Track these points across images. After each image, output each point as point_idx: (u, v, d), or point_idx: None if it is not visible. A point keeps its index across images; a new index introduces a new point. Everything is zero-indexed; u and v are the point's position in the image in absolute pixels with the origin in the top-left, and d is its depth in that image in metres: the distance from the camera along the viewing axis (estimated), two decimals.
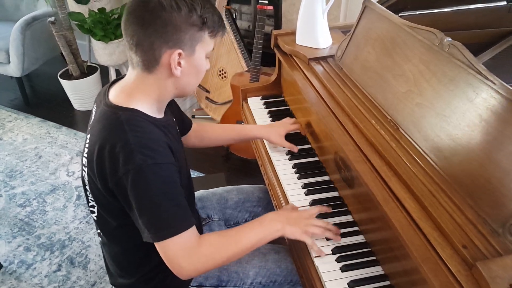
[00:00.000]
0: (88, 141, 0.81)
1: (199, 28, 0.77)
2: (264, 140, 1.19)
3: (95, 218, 0.90)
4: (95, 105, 0.87)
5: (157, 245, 0.76)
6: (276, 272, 0.99)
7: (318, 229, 0.84)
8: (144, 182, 0.73)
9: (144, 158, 0.72)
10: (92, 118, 0.84)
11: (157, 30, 0.74)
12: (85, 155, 0.81)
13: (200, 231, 1.05)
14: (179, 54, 0.76)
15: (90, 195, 0.86)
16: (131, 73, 0.81)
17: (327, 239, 0.86)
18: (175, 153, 0.81)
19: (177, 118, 0.99)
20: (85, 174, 0.83)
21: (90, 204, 0.89)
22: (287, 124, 1.15)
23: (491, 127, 0.67)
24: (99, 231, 0.93)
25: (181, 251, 0.75)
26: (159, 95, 0.82)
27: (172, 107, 0.95)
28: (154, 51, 0.75)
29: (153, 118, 0.81)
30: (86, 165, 0.81)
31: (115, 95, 0.82)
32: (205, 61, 0.83)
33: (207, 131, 1.14)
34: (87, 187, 0.85)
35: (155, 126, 0.80)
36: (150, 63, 0.77)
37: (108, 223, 0.87)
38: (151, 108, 0.82)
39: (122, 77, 0.87)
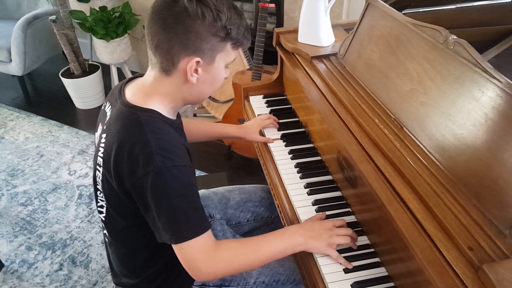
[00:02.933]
0: (104, 140, 0.80)
1: (221, 39, 0.75)
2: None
3: (103, 218, 0.89)
4: (108, 104, 0.86)
5: (175, 247, 0.76)
6: (279, 271, 0.99)
7: (343, 239, 0.82)
8: (164, 184, 0.72)
9: (164, 160, 0.72)
10: (108, 117, 0.83)
11: (178, 35, 0.73)
12: (101, 154, 0.80)
13: None
14: (197, 62, 0.75)
15: (101, 195, 0.85)
16: (150, 73, 0.81)
17: None
18: (190, 155, 0.81)
19: None
20: (99, 174, 0.83)
21: (99, 204, 0.88)
22: (260, 121, 1.19)
23: (497, 126, 0.65)
24: (105, 231, 0.93)
25: (199, 254, 0.75)
26: (174, 98, 0.81)
27: None
28: (173, 55, 0.75)
29: (170, 120, 0.81)
30: (101, 164, 0.80)
31: (133, 94, 0.81)
32: (223, 70, 0.81)
33: (191, 129, 1.14)
34: (99, 187, 0.85)
35: (171, 128, 0.80)
36: (167, 66, 0.76)
37: (116, 223, 0.87)
38: (168, 110, 0.81)
39: (138, 76, 0.86)
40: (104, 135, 0.81)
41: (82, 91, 2.60)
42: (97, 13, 2.32)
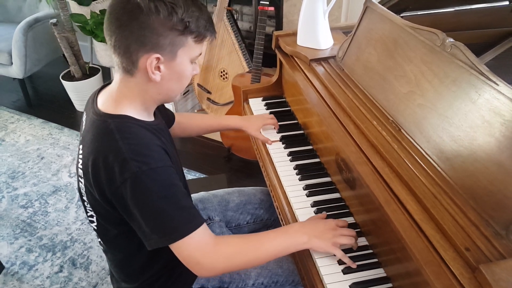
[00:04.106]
0: (81, 151, 0.79)
1: (180, 33, 0.72)
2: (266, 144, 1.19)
3: (95, 228, 0.89)
4: (84, 114, 0.85)
5: (171, 247, 0.75)
6: (278, 272, 0.99)
7: (347, 239, 0.82)
8: (143, 189, 0.71)
9: (139, 165, 0.70)
10: (83, 127, 0.83)
11: (133, 33, 0.70)
12: (80, 166, 0.80)
13: None
14: (157, 59, 0.73)
15: (88, 205, 0.84)
16: (116, 77, 0.80)
17: None
18: (170, 156, 0.80)
19: (162, 114, 0.97)
20: (82, 185, 0.82)
21: (88, 214, 0.87)
22: (265, 118, 1.19)
23: (493, 128, 0.66)
24: (99, 239, 0.92)
25: (196, 251, 0.74)
26: (143, 100, 0.79)
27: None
28: (131, 54, 0.73)
29: (144, 122, 0.79)
30: (82, 176, 0.80)
31: (103, 101, 0.80)
32: (190, 66, 0.78)
33: (190, 123, 1.14)
34: (85, 198, 0.84)
35: (146, 130, 0.78)
36: (128, 66, 0.75)
37: (108, 231, 0.86)
38: (139, 112, 0.80)
39: (109, 83, 0.85)
40: (81, 146, 0.80)
41: (83, 94, 2.61)
42: (97, 16, 2.33)
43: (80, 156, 0.79)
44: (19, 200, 1.98)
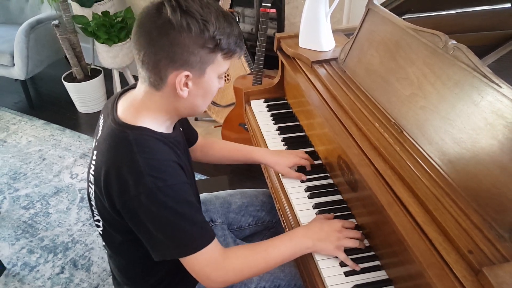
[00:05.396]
0: (94, 157, 0.78)
1: (210, 50, 0.71)
2: (267, 144, 1.18)
3: (101, 232, 0.88)
4: (102, 117, 0.84)
5: (181, 260, 0.75)
6: (280, 276, 0.99)
7: (352, 242, 0.82)
8: (157, 205, 0.70)
9: (154, 181, 0.70)
10: (100, 133, 0.81)
11: (163, 49, 0.69)
12: (92, 172, 0.79)
13: None
14: (186, 76, 0.72)
15: (96, 210, 0.84)
16: (140, 87, 0.78)
17: None
18: (184, 170, 0.79)
19: (184, 129, 0.96)
20: (92, 191, 0.81)
21: (95, 218, 0.87)
22: (297, 157, 1.05)
23: (496, 131, 0.66)
24: (104, 243, 0.92)
25: (207, 267, 0.75)
26: (166, 113, 0.78)
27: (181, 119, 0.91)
28: (160, 70, 0.71)
29: (161, 135, 0.78)
30: (93, 182, 0.79)
31: (124, 109, 0.78)
32: (216, 81, 0.77)
33: (214, 149, 1.10)
34: (93, 203, 0.83)
35: (163, 144, 0.77)
36: (156, 81, 0.73)
37: (114, 237, 0.86)
38: (160, 124, 0.78)
39: (131, 87, 0.84)
40: (95, 152, 0.79)
41: (84, 95, 2.61)
42: (99, 18, 2.34)
43: (93, 162, 0.78)
44: (20, 201, 1.98)
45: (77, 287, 1.56)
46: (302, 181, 1.03)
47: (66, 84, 2.57)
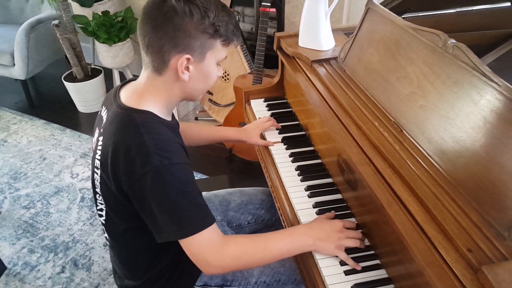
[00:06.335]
0: (101, 143, 0.81)
1: (210, 36, 0.77)
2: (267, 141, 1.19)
3: (103, 222, 0.90)
4: (104, 108, 0.87)
5: (181, 242, 0.77)
6: (280, 271, 0.99)
7: (352, 242, 0.83)
8: (163, 182, 0.73)
9: (161, 159, 0.73)
10: (104, 120, 0.84)
11: (167, 34, 0.74)
12: (98, 157, 0.81)
13: None
14: (188, 59, 0.77)
15: (100, 198, 0.86)
16: (143, 74, 0.83)
17: None
18: (186, 153, 0.82)
19: None
20: (97, 177, 0.83)
21: (98, 207, 0.89)
22: (261, 124, 1.20)
23: (495, 129, 0.66)
24: (106, 235, 0.93)
25: (205, 248, 0.76)
26: (167, 98, 0.82)
27: None
28: (163, 54, 0.76)
29: (164, 120, 0.82)
30: (99, 167, 0.82)
31: (127, 96, 0.82)
32: (215, 68, 0.83)
33: (192, 132, 1.16)
34: (98, 190, 0.85)
35: (167, 128, 0.81)
36: (159, 65, 0.78)
37: (116, 226, 0.87)
38: (161, 110, 0.82)
39: (132, 80, 0.88)
40: (101, 138, 0.82)
41: (85, 95, 2.61)
42: (99, 17, 2.34)
43: (99, 148, 0.81)
44: (21, 201, 1.98)
45: (78, 287, 1.57)
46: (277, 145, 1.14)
47: (66, 84, 2.57)
